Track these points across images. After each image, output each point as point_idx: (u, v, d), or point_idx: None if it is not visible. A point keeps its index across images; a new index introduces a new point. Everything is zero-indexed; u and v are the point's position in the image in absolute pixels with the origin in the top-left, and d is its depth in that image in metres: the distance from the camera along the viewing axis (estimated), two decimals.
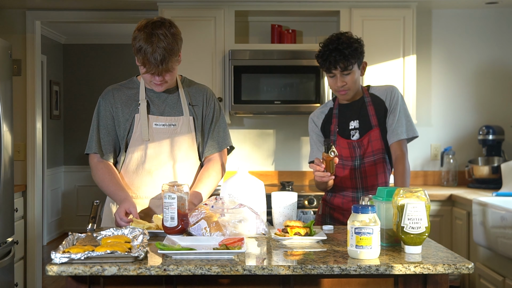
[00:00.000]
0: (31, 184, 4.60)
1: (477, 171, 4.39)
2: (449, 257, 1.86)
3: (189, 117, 2.50)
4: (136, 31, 2.35)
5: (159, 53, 2.29)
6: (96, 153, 2.49)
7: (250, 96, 4.22)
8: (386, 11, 4.29)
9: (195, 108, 2.54)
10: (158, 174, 2.47)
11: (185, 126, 2.49)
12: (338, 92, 2.64)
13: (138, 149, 2.47)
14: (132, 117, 2.47)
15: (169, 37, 2.32)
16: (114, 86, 2.56)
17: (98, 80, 7.56)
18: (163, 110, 2.49)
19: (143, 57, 2.32)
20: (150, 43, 2.29)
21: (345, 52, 2.55)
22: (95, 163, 2.50)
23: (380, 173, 2.65)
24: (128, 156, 2.49)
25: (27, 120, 4.61)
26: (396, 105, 2.63)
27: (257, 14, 4.53)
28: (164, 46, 2.29)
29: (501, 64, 4.65)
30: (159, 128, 2.47)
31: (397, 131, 2.62)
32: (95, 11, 4.67)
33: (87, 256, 1.73)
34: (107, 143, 2.49)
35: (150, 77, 2.39)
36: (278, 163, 4.68)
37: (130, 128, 2.48)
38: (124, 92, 2.52)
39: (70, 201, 7.60)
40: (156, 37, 2.30)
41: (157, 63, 2.30)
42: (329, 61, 2.57)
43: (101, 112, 2.51)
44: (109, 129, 2.50)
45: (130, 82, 2.57)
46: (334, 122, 2.70)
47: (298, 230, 2.08)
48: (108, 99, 2.51)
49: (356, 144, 2.63)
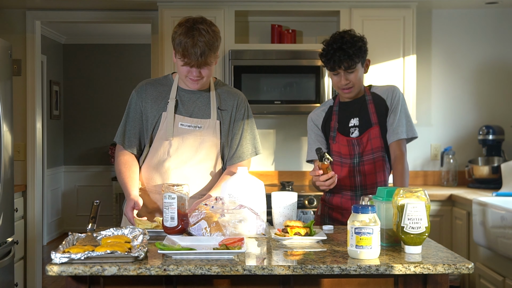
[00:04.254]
0: (31, 184, 4.61)
1: (477, 171, 4.39)
2: (449, 257, 1.87)
3: (216, 121, 2.51)
4: (176, 26, 2.40)
5: (200, 46, 2.32)
6: (119, 143, 2.57)
7: (250, 96, 4.21)
8: (386, 11, 4.29)
9: (224, 112, 2.54)
10: (176, 173, 2.49)
11: (211, 129, 2.50)
12: (342, 90, 2.64)
13: (161, 146, 2.50)
14: (159, 114, 2.51)
15: (210, 33, 2.36)
16: (148, 81, 2.61)
17: (98, 80, 7.56)
18: (192, 111, 2.51)
19: (183, 49, 2.34)
20: (191, 36, 2.33)
21: (349, 51, 2.55)
22: (118, 152, 2.59)
23: (379, 172, 2.64)
24: (151, 152, 2.53)
25: (27, 120, 4.61)
26: (398, 105, 2.64)
27: (257, 14, 4.53)
28: (204, 40, 2.33)
29: (501, 64, 4.65)
30: (184, 129, 2.49)
31: (397, 131, 2.62)
32: (95, 11, 4.67)
33: (87, 256, 1.74)
34: (132, 135, 2.56)
35: (187, 72, 2.41)
36: (278, 163, 4.68)
37: (156, 124, 2.51)
38: (156, 88, 2.56)
39: (70, 201, 7.60)
40: (197, 31, 2.34)
41: (196, 55, 2.33)
42: (333, 60, 2.56)
43: (131, 105, 2.57)
44: (136, 122, 2.55)
45: (164, 79, 2.60)
46: (334, 118, 2.70)
47: (298, 230, 2.08)
48: (140, 93, 2.56)
49: (355, 142, 2.63)
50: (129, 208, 2.35)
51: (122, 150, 2.58)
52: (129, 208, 2.35)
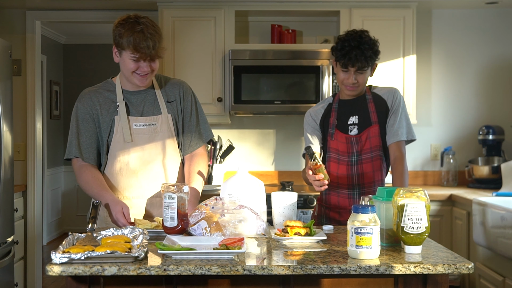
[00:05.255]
0: (31, 184, 4.60)
1: (477, 171, 4.39)
2: (449, 257, 1.86)
3: (168, 115, 2.52)
4: (117, 25, 2.41)
5: (150, 38, 2.34)
6: (77, 157, 2.49)
7: (250, 96, 4.22)
8: (386, 11, 4.29)
9: (172, 104, 2.55)
10: (143, 174, 2.48)
11: (165, 124, 2.51)
12: (346, 87, 2.64)
13: (120, 150, 2.47)
14: (111, 119, 2.48)
15: (154, 26, 2.40)
16: (90, 89, 2.57)
17: (98, 80, 7.40)
18: (142, 110, 2.51)
19: (134, 44, 2.34)
20: (140, 31, 2.34)
21: (366, 53, 2.56)
22: (78, 167, 2.50)
23: (376, 170, 2.65)
24: (110, 158, 2.49)
25: (27, 120, 4.60)
26: (398, 107, 2.65)
27: (257, 14, 4.53)
28: (153, 33, 2.36)
29: (501, 63, 4.65)
30: (139, 129, 2.48)
31: (397, 132, 2.63)
32: (95, 11, 4.67)
33: (87, 256, 1.74)
34: (89, 146, 2.49)
35: (136, 68, 2.40)
36: (278, 163, 4.68)
37: (111, 130, 2.48)
38: (102, 94, 2.53)
39: (70, 201, 7.60)
40: (144, 25, 2.36)
41: (149, 48, 2.34)
42: (348, 57, 2.55)
43: (80, 116, 2.50)
44: (90, 132, 2.50)
45: (106, 84, 2.58)
46: (333, 115, 2.71)
47: (298, 230, 2.08)
48: (86, 102, 2.51)
49: (354, 140, 2.64)
50: (119, 214, 2.28)
51: (81, 164, 2.49)
52: (119, 213, 2.28)
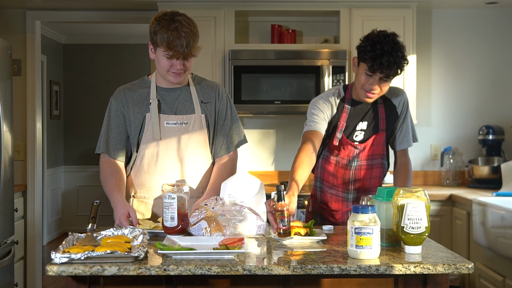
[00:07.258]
0: (31, 184, 4.60)
1: (477, 171, 4.39)
2: (449, 257, 1.87)
3: (201, 115, 2.48)
4: (154, 21, 2.37)
5: (184, 37, 2.31)
6: (104, 152, 2.49)
7: (250, 96, 4.22)
8: (386, 11, 4.29)
9: (207, 105, 2.51)
10: (171, 173, 2.45)
11: (197, 124, 2.47)
12: (365, 93, 2.47)
13: (149, 148, 2.45)
14: (143, 117, 2.46)
15: (191, 24, 2.36)
16: (125, 86, 2.56)
17: (98, 80, 7.56)
18: (176, 108, 2.48)
19: (168, 42, 2.31)
20: (174, 28, 2.31)
21: (399, 61, 2.37)
22: (102, 162, 2.50)
23: (374, 178, 2.63)
24: (139, 156, 2.48)
25: (27, 120, 4.60)
26: (407, 112, 2.65)
27: (257, 14, 4.53)
28: (187, 31, 2.33)
29: (501, 64, 4.65)
30: (170, 127, 2.46)
31: (407, 139, 2.67)
32: (95, 11, 4.67)
33: (87, 256, 1.74)
34: (117, 142, 2.49)
35: (170, 66, 2.37)
36: (278, 163, 4.68)
37: (141, 127, 2.46)
38: (135, 91, 2.51)
39: (70, 201, 7.60)
40: (179, 23, 2.33)
41: (182, 47, 2.31)
42: (380, 62, 2.35)
43: (112, 112, 2.50)
44: (120, 128, 2.49)
45: (141, 82, 2.56)
46: (344, 117, 2.57)
47: (298, 230, 2.08)
48: (119, 99, 2.50)
49: (358, 147, 2.59)
50: (123, 217, 2.28)
51: (105, 160, 2.49)
52: (123, 216, 2.28)
